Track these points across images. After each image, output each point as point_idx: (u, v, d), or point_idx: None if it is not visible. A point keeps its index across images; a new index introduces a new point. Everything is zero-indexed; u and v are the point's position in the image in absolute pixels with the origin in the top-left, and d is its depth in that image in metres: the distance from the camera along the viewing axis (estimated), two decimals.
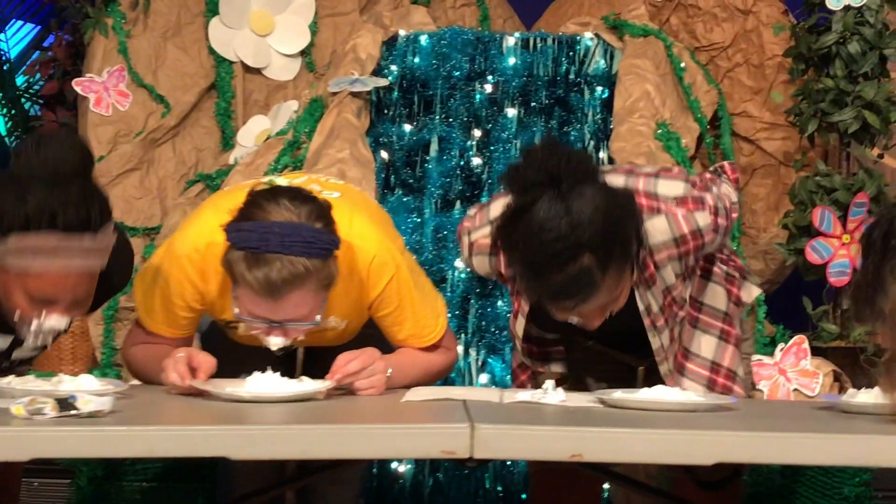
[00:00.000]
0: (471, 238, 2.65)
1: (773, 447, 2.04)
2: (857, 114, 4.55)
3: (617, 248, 2.42)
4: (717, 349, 2.74)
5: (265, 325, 2.46)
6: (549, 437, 2.03)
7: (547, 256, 2.36)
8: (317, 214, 2.45)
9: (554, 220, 2.35)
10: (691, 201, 2.56)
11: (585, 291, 2.40)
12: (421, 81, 4.60)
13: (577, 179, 2.39)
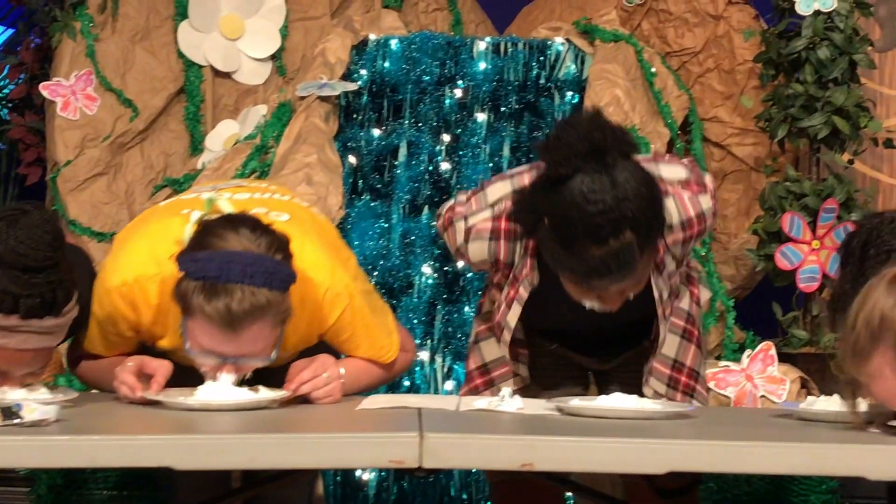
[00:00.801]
0: (468, 223, 2.54)
1: (727, 456, 2.02)
2: (826, 119, 4.54)
3: (656, 227, 2.38)
4: (679, 348, 2.72)
5: (217, 361, 2.37)
6: (499, 445, 2.01)
7: (589, 228, 2.29)
8: (277, 246, 2.38)
9: (599, 193, 2.28)
10: (695, 184, 2.54)
11: (625, 269, 2.33)
12: (391, 86, 4.58)
13: (622, 153, 2.35)
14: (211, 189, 2.66)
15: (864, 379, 2.07)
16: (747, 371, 4.00)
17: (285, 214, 2.56)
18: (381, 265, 4.15)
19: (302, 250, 2.47)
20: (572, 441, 2.03)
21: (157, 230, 2.51)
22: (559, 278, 2.46)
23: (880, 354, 2.02)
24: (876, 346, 2.02)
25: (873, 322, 2.02)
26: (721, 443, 2.06)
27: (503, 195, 2.53)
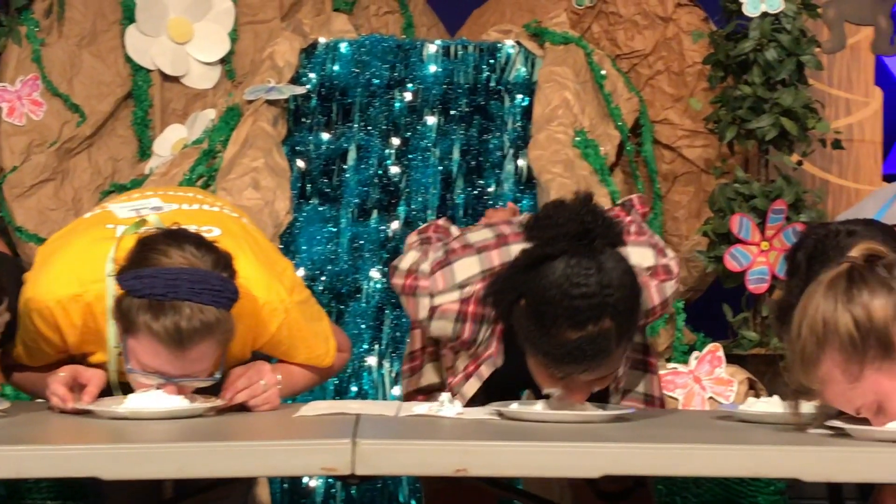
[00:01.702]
0: (433, 302, 2.47)
1: (660, 459, 2.01)
2: (775, 121, 4.56)
3: (634, 319, 2.33)
4: (645, 382, 2.71)
5: (158, 381, 2.32)
6: (432, 451, 1.99)
7: (569, 311, 2.24)
8: (222, 264, 2.34)
9: (584, 276, 2.24)
10: (662, 271, 2.50)
11: (599, 357, 2.27)
12: (340, 89, 4.56)
13: (609, 240, 2.32)
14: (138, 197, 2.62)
15: (816, 385, 2.07)
16: (695, 373, 4.00)
17: (217, 229, 2.51)
18: (329, 270, 4.13)
19: (238, 265, 2.42)
20: (506, 446, 2.01)
21: (81, 249, 2.45)
22: (525, 363, 2.39)
23: (829, 359, 2.02)
24: (823, 351, 2.02)
25: (817, 328, 2.02)
26: (656, 445, 2.05)
27: (472, 275, 2.45)
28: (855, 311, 1.99)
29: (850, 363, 1.99)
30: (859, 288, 2.00)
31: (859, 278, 2.01)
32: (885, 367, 1.98)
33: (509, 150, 4.51)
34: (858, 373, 1.99)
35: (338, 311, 4.02)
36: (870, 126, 5.35)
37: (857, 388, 2.01)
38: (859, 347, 1.98)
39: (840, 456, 1.94)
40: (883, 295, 1.99)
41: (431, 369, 2.72)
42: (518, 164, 4.46)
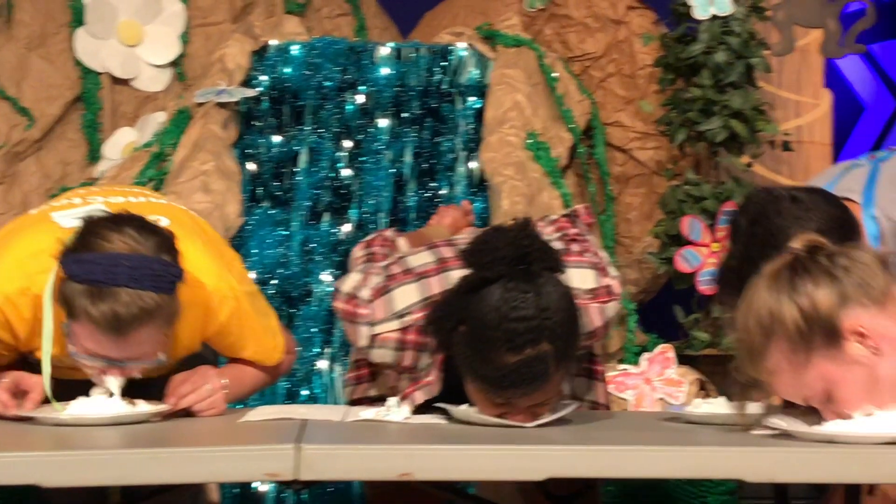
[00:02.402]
0: (373, 330, 2.45)
1: (606, 461, 2.01)
2: (724, 123, 4.58)
3: (573, 344, 2.33)
4: (593, 390, 2.71)
5: (102, 364, 2.32)
6: (377, 455, 1.99)
7: (507, 335, 2.23)
8: (164, 246, 2.33)
9: (521, 300, 2.24)
10: (604, 293, 2.50)
11: (538, 381, 2.26)
12: (291, 92, 4.54)
13: (547, 265, 2.32)
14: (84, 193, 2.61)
15: (765, 377, 2.08)
16: (646, 374, 4.02)
17: (165, 219, 2.50)
18: (280, 273, 4.11)
19: (186, 253, 2.42)
20: (451, 449, 2.01)
21: (27, 242, 2.44)
22: (463, 390, 2.38)
23: (776, 350, 2.04)
24: (770, 342, 2.04)
25: (763, 320, 2.04)
26: (601, 448, 2.05)
27: (411, 304, 2.45)
28: (800, 301, 2.01)
29: (797, 353, 2.01)
30: (803, 278, 2.02)
31: (802, 269, 2.02)
32: (832, 354, 2.00)
33: (461, 152, 4.51)
34: (806, 362, 2.01)
35: (289, 315, 4.01)
36: (819, 128, 5.40)
37: (805, 377, 2.03)
38: (806, 337, 2.00)
39: (782, 457, 1.96)
40: (826, 284, 2.00)
41: (377, 383, 2.72)
42: (470, 166, 4.47)
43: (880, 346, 1.99)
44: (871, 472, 1.93)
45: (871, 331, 1.99)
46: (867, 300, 1.99)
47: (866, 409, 2.01)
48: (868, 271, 2.01)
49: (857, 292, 1.99)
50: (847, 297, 1.99)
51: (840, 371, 2.00)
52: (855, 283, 1.99)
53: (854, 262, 2.01)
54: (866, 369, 1.99)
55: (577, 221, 2.67)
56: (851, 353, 1.99)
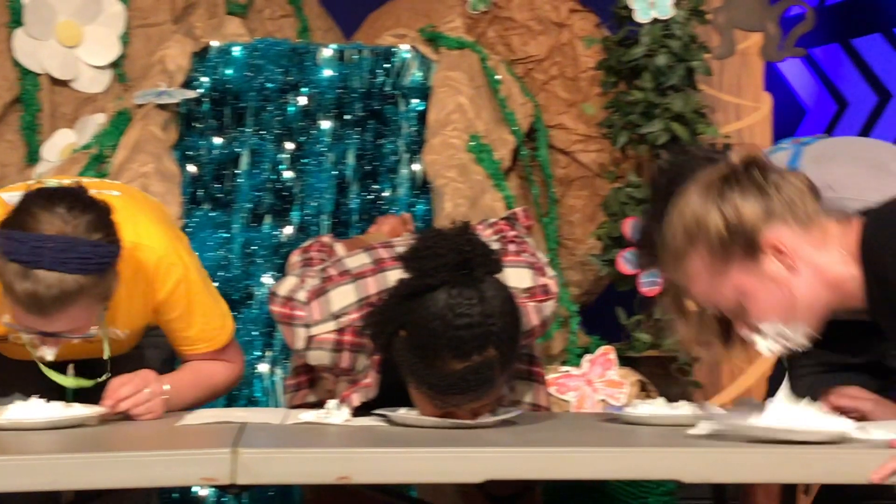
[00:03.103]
0: (310, 332, 2.44)
1: (544, 462, 2.01)
2: (665, 126, 4.61)
3: (516, 346, 2.33)
4: (533, 393, 2.72)
5: (35, 336, 2.34)
6: (314, 459, 1.98)
7: (453, 342, 2.23)
8: (95, 225, 2.32)
9: (466, 307, 2.23)
10: (540, 292, 2.50)
11: (484, 387, 2.27)
12: (233, 93, 4.52)
13: (488, 269, 2.31)
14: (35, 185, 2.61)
15: (684, 281, 2.11)
16: (587, 375, 4.03)
17: (116, 192, 2.54)
18: (221, 276, 4.08)
19: (136, 221, 2.46)
20: (389, 452, 2.01)
21: None
22: (403, 394, 2.38)
23: (697, 255, 2.06)
24: (692, 246, 2.07)
25: (689, 224, 2.07)
26: (539, 449, 2.06)
27: (348, 304, 2.44)
28: (725, 210, 2.04)
29: (715, 261, 2.04)
30: (733, 189, 2.04)
31: (734, 180, 2.05)
32: (749, 267, 2.04)
33: (404, 154, 4.50)
34: (723, 271, 2.04)
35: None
36: (759, 131, 5.45)
37: (720, 285, 2.05)
38: (726, 246, 2.03)
39: (719, 457, 1.97)
40: (754, 197, 2.03)
41: (317, 389, 2.70)
42: (413, 168, 4.46)
43: (796, 265, 2.01)
44: (806, 472, 1.95)
45: (790, 249, 2.02)
46: (792, 219, 2.02)
47: (775, 325, 2.04)
48: (798, 192, 2.04)
49: (784, 210, 2.02)
50: (773, 212, 2.02)
51: (754, 284, 2.04)
52: (783, 201, 2.03)
53: (786, 181, 2.04)
54: (780, 286, 2.03)
55: (516, 224, 2.67)
56: (768, 268, 2.03)
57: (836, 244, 2.01)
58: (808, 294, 2.02)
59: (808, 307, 2.03)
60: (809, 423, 1.97)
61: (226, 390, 2.71)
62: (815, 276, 2.02)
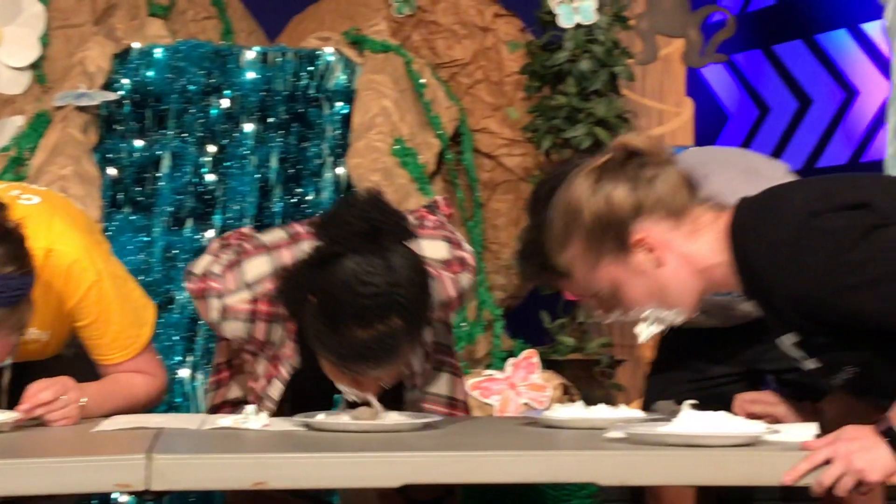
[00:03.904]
0: (223, 302, 2.41)
1: (462, 466, 2.01)
2: (589, 130, 4.64)
3: (422, 318, 2.32)
4: (450, 384, 2.72)
5: None
6: (230, 465, 1.96)
7: (357, 310, 2.22)
8: (7, 257, 2.28)
9: (371, 275, 2.22)
10: (456, 263, 2.49)
11: (387, 355, 2.26)
12: (154, 95, 4.48)
13: (398, 237, 2.30)
14: None
15: (564, 267, 2.14)
16: (510, 379, 4.04)
17: (37, 197, 2.51)
18: (142, 280, 4.03)
19: (50, 226, 2.43)
20: (306, 457, 1.99)
21: None
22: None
23: (573, 244, 2.10)
24: (569, 235, 2.10)
25: (567, 214, 2.11)
26: (458, 453, 2.05)
27: (262, 274, 2.42)
28: (598, 203, 2.07)
29: (589, 251, 2.08)
30: (608, 182, 2.07)
31: (610, 171, 2.07)
32: (620, 259, 2.08)
33: (328, 157, 4.49)
34: (596, 262, 2.08)
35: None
36: (681, 136, 5.50)
37: (594, 275, 2.10)
38: (598, 238, 2.07)
39: (634, 460, 1.98)
40: (626, 191, 2.06)
41: (237, 382, 2.68)
42: (337, 172, 4.45)
43: (664, 258, 2.05)
44: (720, 475, 1.97)
45: (658, 243, 2.05)
46: (664, 212, 2.05)
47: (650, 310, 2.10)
48: (671, 187, 2.06)
49: (655, 204, 2.05)
50: (643, 206, 2.05)
51: (625, 276, 2.08)
52: (655, 195, 2.05)
53: (660, 176, 2.06)
54: (649, 278, 2.07)
55: (436, 212, 2.68)
56: (636, 262, 2.07)
57: (708, 232, 2.05)
58: (678, 284, 2.07)
59: (679, 296, 2.08)
60: (723, 426, 1.99)
61: (147, 403, 2.67)
62: (684, 267, 2.06)
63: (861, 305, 1.86)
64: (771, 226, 1.96)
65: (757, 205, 2.03)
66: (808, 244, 1.90)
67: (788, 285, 1.92)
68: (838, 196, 1.95)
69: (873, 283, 1.85)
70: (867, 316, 1.87)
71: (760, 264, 1.95)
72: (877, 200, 1.93)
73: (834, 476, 1.86)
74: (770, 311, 1.99)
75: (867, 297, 1.85)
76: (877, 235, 1.87)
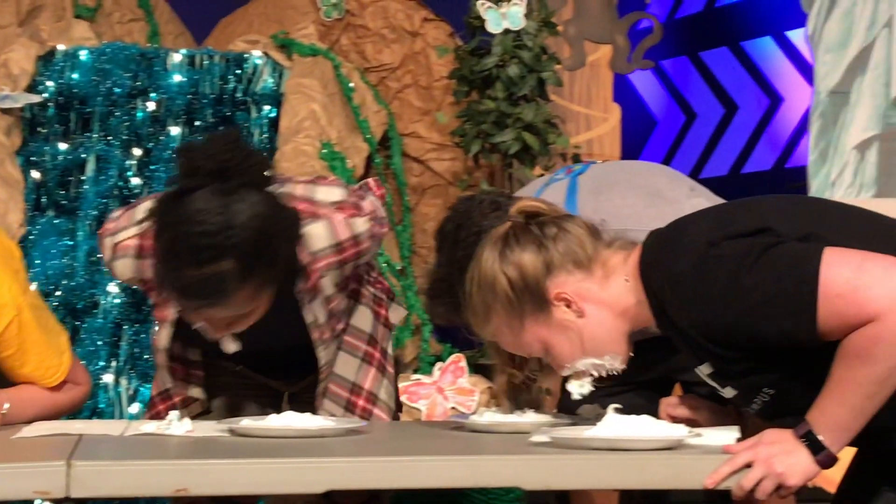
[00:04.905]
0: (115, 239, 2.45)
1: (386, 472, 2.00)
2: (517, 135, 4.66)
3: (263, 264, 2.30)
4: (358, 371, 2.70)
5: None
6: (151, 471, 1.94)
7: (188, 249, 2.22)
8: None
9: (207, 214, 2.22)
10: (350, 206, 2.49)
11: (216, 297, 2.27)
12: (79, 98, 4.44)
13: (246, 182, 2.27)
14: None
15: (491, 337, 2.17)
16: (438, 383, 4.05)
17: None
18: (65, 285, 4.00)
19: None
20: (227, 463, 1.97)
21: None
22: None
23: (495, 316, 2.12)
24: (489, 309, 2.13)
25: (481, 287, 2.13)
26: (382, 458, 2.05)
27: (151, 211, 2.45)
28: (508, 270, 2.09)
29: (512, 318, 2.10)
30: (512, 247, 2.10)
31: (514, 238, 2.11)
32: (542, 319, 2.10)
33: None
34: (521, 327, 2.11)
35: (73, 328, 3.91)
36: (609, 141, 5.55)
37: (522, 339, 2.13)
38: (517, 304, 2.09)
39: (558, 464, 1.98)
40: (533, 252, 2.09)
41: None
42: None
43: (584, 309, 2.09)
44: (643, 478, 1.98)
45: (576, 295, 2.08)
46: (573, 266, 2.09)
47: (584, 361, 2.13)
48: (575, 240, 2.10)
49: (563, 260, 2.08)
50: (553, 264, 2.08)
51: (551, 333, 2.11)
52: (561, 252, 2.08)
53: (563, 231, 2.10)
54: (573, 330, 2.10)
55: (368, 193, 2.67)
56: (559, 318, 2.09)
57: (620, 275, 2.08)
58: (603, 331, 2.11)
59: (606, 342, 2.12)
60: (645, 430, 2.01)
61: (72, 409, 2.65)
62: (605, 313, 2.10)
63: (757, 328, 1.89)
64: (673, 259, 1.99)
65: (661, 239, 2.06)
66: (707, 273, 1.93)
67: (694, 317, 1.95)
68: (736, 223, 1.98)
69: (763, 304, 1.87)
70: (764, 337, 1.90)
71: (667, 298, 1.98)
72: (775, 224, 1.96)
73: (754, 479, 1.88)
74: (683, 342, 2.01)
75: (759, 319, 1.88)
76: (768, 256, 1.90)
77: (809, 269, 1.85)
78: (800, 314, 1.85)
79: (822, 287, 1.84)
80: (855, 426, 1.88)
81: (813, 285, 1.84)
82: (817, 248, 1.88)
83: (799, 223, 1.97)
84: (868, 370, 1.84)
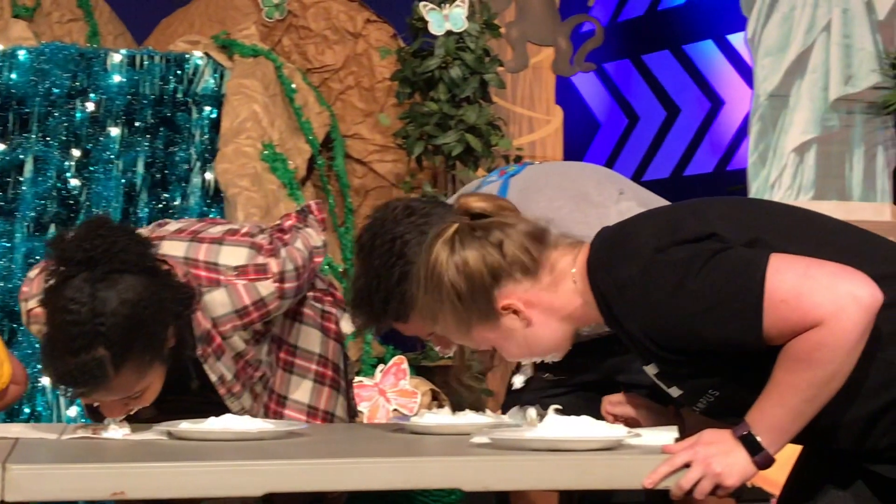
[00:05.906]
0: (27, 306, 2.46)
1: (326, 474, 1.99)
2: (460, 137, 4.66)
3: (139, 346, 2.32)
4: (312, 393, 2.70)
5: None
6: (88, 475, 1.92)
7: (63, 338, 2.25)
8: None
9: (76, 304, 2.25)
10: (253, 270, 2.49)
11: (93, 383, 2.29)
12: (17, 98, 4.38)
13: (115, 268, 2.29)
14: None
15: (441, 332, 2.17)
16: (380, 385, 4.04)
17: None
18: (2, 287, 3.96)
19: None
20: (165, 467, 1.96)
21: None
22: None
23: (443, 317, 2.11)
24: (436, 310, 2.11)
25: (428, 290, 2.11)
26: (321, 461, 2.04)
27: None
28: (456, 280, 2.08)
29: (460, 323, 2.10)
30: (457, 255, 2.09)
31: (459, 244, 2.09)
32: (490, 325, 2.09)
33: (196, 162, 4.44)
34: (468, 330, 2.11)
35: (10, 331, 3.86)
36: (551, 143, 5.56)
37: (471, 339, 2.14)
38: (464, 312, 2.08)
39: (497, 465, 1.98)
40: (478, 261, 2.08)
41: None
42: (205, 177, 4.40)
43: (531, 317, 2.09)
44: (583, 479, 1.98)
45: (524, 304, 2.08)
46: (520, 274, 2.08)
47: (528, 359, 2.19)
48: (520, 246, 2.09)
49: (510, 268, 2.07)
50: (499, 273, 2.07)
51: (498, 338, 2.12)
52: (507, 259, 2.07)
53: (506, 238, 2.09)
54: (520, 337, 2.11)
55: (308, 217, 2.66)
56: (507, 325, 2.10)
57: (568, 278, 2.08)
58: (549, 336, 2.12)
59: (551, 344, 2.15)
60: (585, 431, 2.01)
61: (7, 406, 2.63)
62: (552, 318, 2.10)
63: (703, 333, 1.90)
64: (621, 263, 1.99)
65: (609, 242, 2.06)
66: (654, 279, 1.94)
67: (641, 321, 1.96)
68: (683, 229, 1.99)
69: (709, 310, 1.89)
70: (710, 342, 1.91)
71: (614, 301, 1.99)
72: (721, 230, 1.97)
73: (693, 479, 1.89)
74: (630, 342, 2.02)
75: (705, 324, 1.89)
76: (715, 261, 1.91)
77: (755, 276, 1.86)
78: (745, 320, 1.86)
79: (767, 293, 1.85)
80: (793, 428, 1.89)
81: (759, 291, 1.85)
82: (763, 255, 1.89)
83: (745, 228, 1.99)
84: (808, 374, 1.85)
